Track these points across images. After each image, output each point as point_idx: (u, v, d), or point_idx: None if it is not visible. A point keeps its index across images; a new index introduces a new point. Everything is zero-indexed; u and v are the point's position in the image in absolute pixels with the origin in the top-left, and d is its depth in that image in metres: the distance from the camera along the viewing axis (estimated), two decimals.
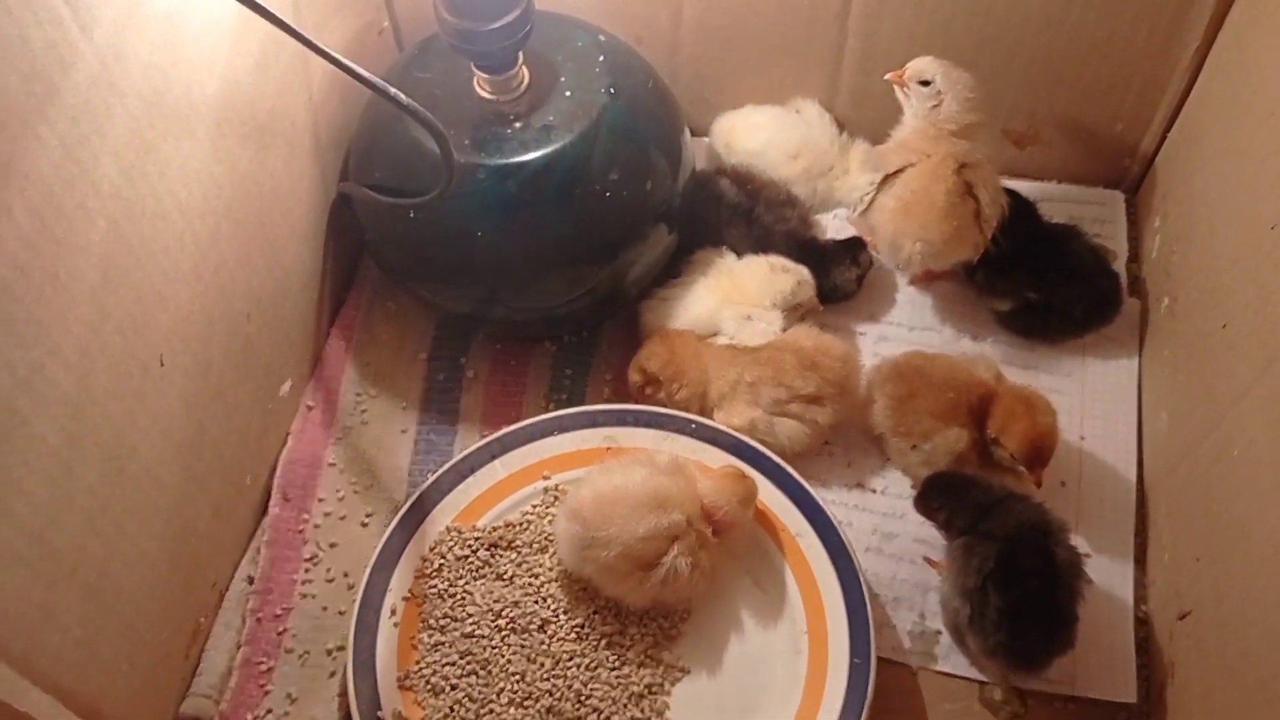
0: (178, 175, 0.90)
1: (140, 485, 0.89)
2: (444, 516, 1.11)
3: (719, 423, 1.15)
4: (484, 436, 1.15)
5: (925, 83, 1.19)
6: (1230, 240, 1.05)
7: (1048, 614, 1.00)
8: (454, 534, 1.10)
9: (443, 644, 1.04)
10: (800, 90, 1.38)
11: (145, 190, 0.85)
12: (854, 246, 1.29)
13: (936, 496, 1.09)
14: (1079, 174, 1.39)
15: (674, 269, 1.26)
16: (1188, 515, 1.05)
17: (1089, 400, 1.24)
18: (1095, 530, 1.15)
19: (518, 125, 1.11)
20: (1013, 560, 1.00)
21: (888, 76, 1.23)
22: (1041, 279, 1.24)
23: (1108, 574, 1.12)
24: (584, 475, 1.07)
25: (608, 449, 1.14)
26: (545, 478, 1.14)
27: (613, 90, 1.13)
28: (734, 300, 1.21)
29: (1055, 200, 1.37)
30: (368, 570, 1.06)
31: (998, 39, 1.25)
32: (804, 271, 1.22)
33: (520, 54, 1.10)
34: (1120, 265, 1.31)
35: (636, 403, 1.18)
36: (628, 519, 1.00)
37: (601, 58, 1.15)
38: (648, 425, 1.16)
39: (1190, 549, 1.03)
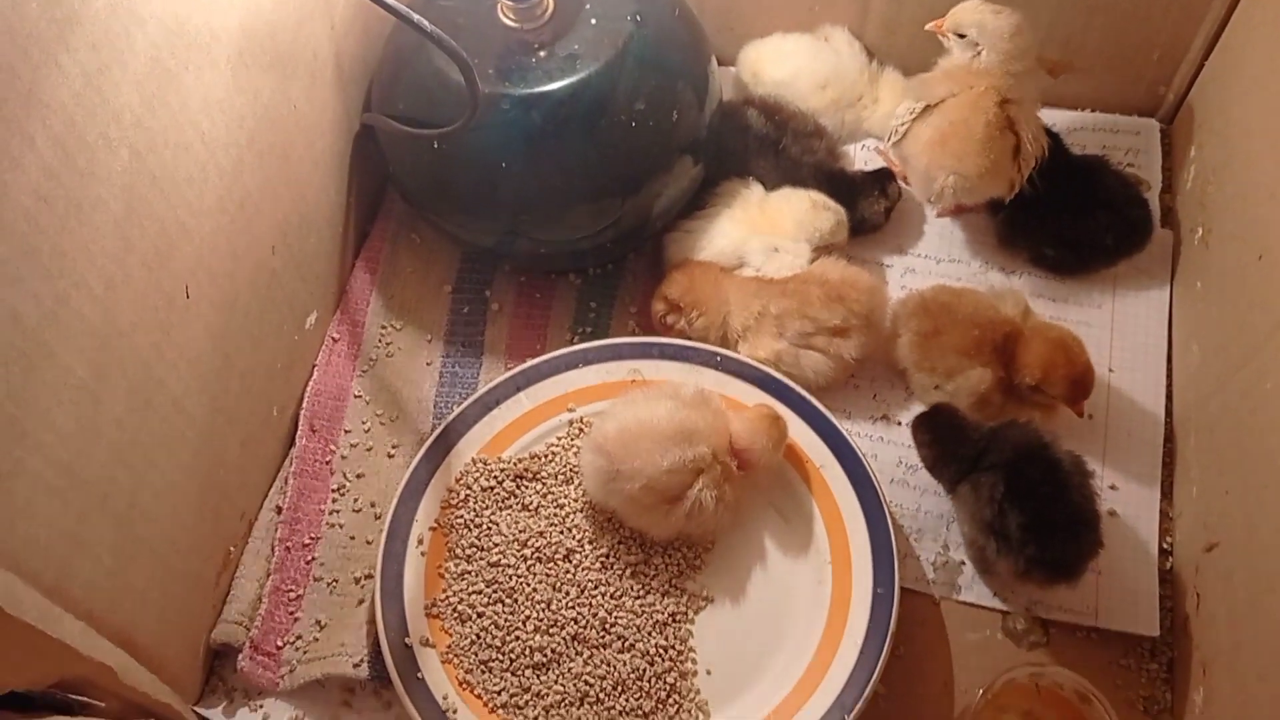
0: (200, 106, 0.90)
1: (168, 417, 0.89)
2: (469, 448, 1.11)
3: (744, 355, 1.15)
4: (508, 369, 1.16)
5: (962, 35, 1.17)
6: (1268, 170, 1.03)
7: (1069, 515, 1.00)
8: (480, 465, 1.10)
9: (469, 573, 1.05)
10: (829, 17, 1.35)
11: (167, 120, 0.85)
12: (882, 178, 1.27)
13: (925, 432, 1.09)
14: (1113, 102, 1.37)
15: (700, 201, 1.25)
16: (1218, 448, 1.05)
17: (1119, 333, 1.23)
18: (1122, 463, 1.14)
19: (542, 54, 1.09)
20: (1020, 477, 1.01)
21: (929, 27, 1.20)
22: (1063, 229, 1.22)
23: (1134, 506, 1.12)
24: (609, 408, 1.07)
25: (632, 382, 1.14)
26: (570, 410, 1.14)
27: (639, 18, 1.11)
28: (762, 231, 1.20)
29: (1088, 129, 1.35)
30: (395, 500, 1.07)
31: None
32: (843, 213, 1.21)
33: None
34: (1153, 196, 1.29)
35: (660, 335, 1.18)
36: (652, 452, 1.00)
37: None
38: (673, 358, 1.15)
39: (1220, 482, 1.02)
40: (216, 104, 0.92)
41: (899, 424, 1.18)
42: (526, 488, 1.10)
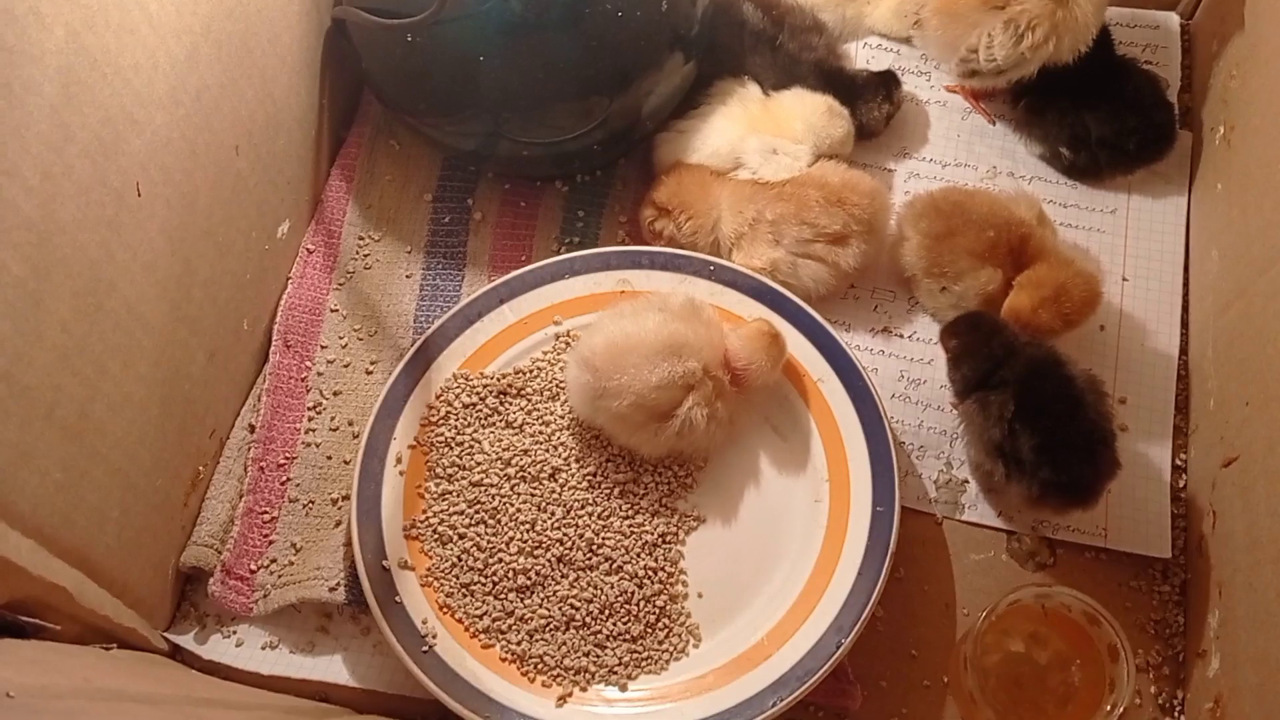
0: None
1: (121, 323, 0.84)
2: (451, 363, 1.07)
3: (738, 264, 1.09)
4: (492, 280, 1.11)
5: None
6: None
7: (1085, 435, 0.96)
8: (461, 381, 1.06)
9: (450, 493, 1.00)
10: None
11: None
12: (888, 81, 1.20)
13: (961, 332, 1.03)
14: None
15: (693, 101, 1.19)
16: (1238, 358, 0.99)
17: (1133, 239, 1.17)
18: (1135, 376, 1.10)
19: None
20: (1032, 394, 0.97)
21: None
22: (1085, 129, 1.17)
23: (1146, 422, 1.08)
24: (596, 321, 1.03)
25: (621, 292, 1.09)
26: (556, 323, 1.09)
27: None
28: (763, 130, 1.14)
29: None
30: (371, 417, 1.02)
31: None
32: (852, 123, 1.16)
33: None
34: (1172, 95, 1.22)
35: (650, 244, 1.13)
36: (640, 368, 0.95)
37: None
38: (663, 268, 1.10)
39: (1239, 393, 0.97)
40: None
41: (900, 336, 1.13)
42: (510, 404, 1.05)
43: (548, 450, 1.02)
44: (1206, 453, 1.02)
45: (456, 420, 1.04)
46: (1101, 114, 1.16)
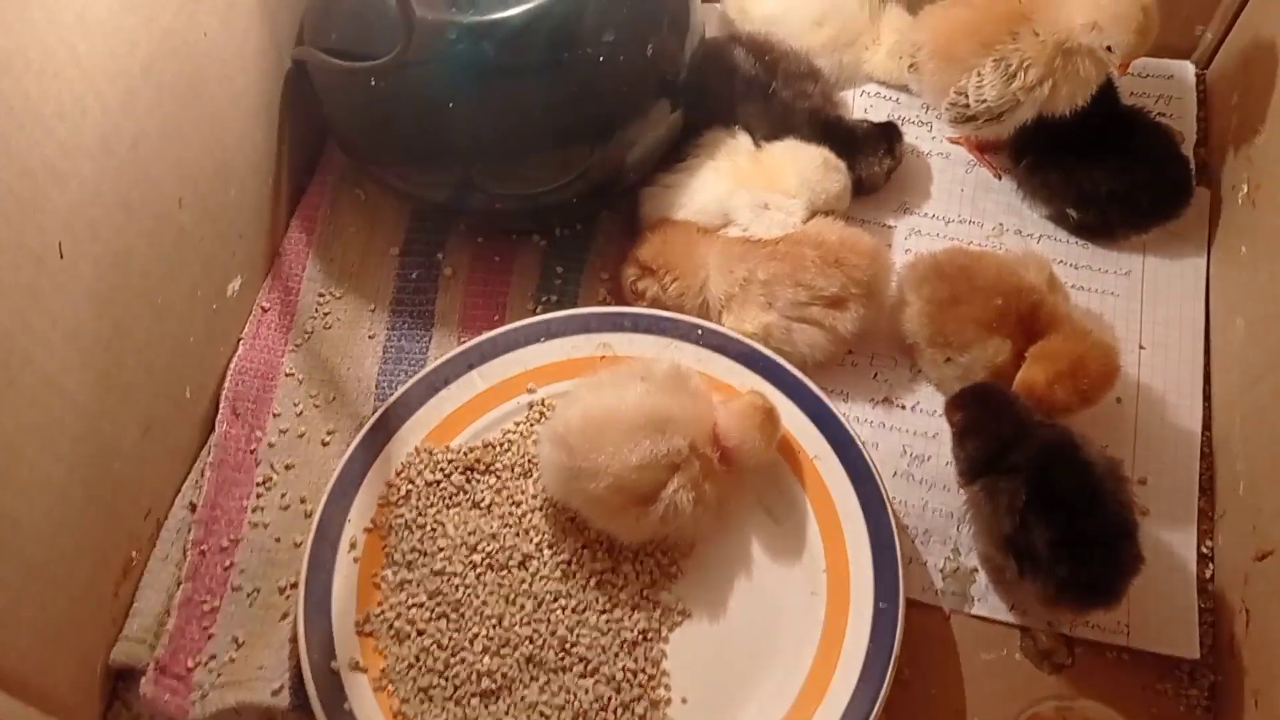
0: (74, 23, 0.75)
1: (38, 399, 0.75)
2: (414, 435, 0.99)
3: (728, 328, 1.02)
4: (461, 342, 1.04)
5: None
6: None
7: (1105, 528, 0.88)
8: (425, 455, 0.98)
9: (409, 582, 0.92)
10: None
11: (28, 39, 0.71)
12: (890, 134, 1.14)
13: (968, 405, 0.96)
14: None
15: (680, 153, 1.13)
16: (1270, 438, 0.92)
17: (1150, 304, 1.10)
18: (1154, 454, 1.02)
19: None
20: (1046, 482, 0.89)
21: None
22: (1093, 186, 1.10)
23: (1167, 505, 1.00)
24: (572, 389, 0.95)
25: (602, 358, 1.02)
26: (530, 391, 1.01)
27: None
28: (753, 184, 1.08)
29: None
30: (324, 497, 0.94)
31: None
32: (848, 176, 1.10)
33: None
34: (1187, 149, 1.16)
35: (633, 305, 1.06)
36: (620, 446, 0.87)
37: None
38: (647, 331, 1.03)
39: (1273, 477, 0.90)
40: (98, 23, 0.78)
41: (902, 407, 1.05)
42: (478, 482, 0.97)
43: (518, 534, 0.94)
44: (1236, 543, 0.94)
45: (418, 500, 0.95)
46: (1110, 168, 1.10)
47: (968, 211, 1.16)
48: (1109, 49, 1.03)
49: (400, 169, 1.06)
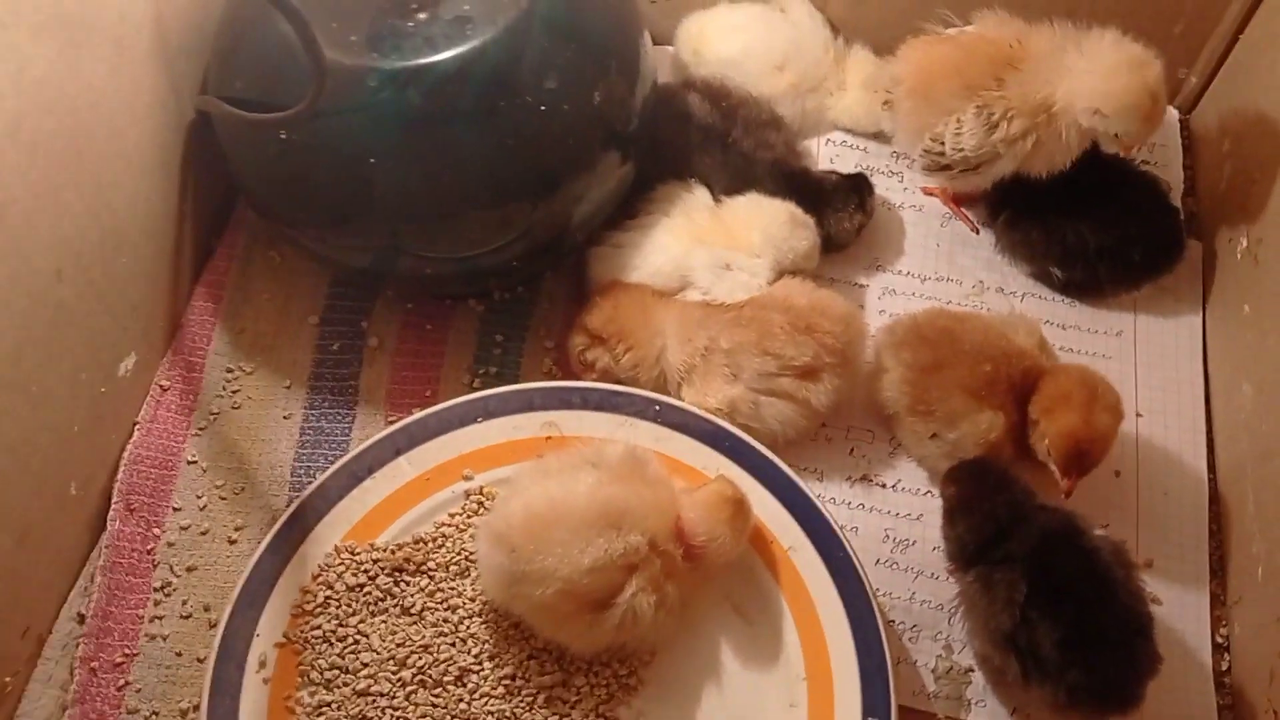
0: None
1: None
2: (334, 531, 0.91)
3: (688, 403, 0.95)
4: (389, 423, 0.97)
5: None
6: None
7: (1118, 623, 0.81)
8: (346, 555, 0.90)
9: (328, 704, 0.83)
10: None
11: None
12: (859, 186, 1.08)
13: (963, 480, 0.89)
14: None
15: (631, 209, 1.05)
16: None
17: (1145, 367, 1.04)
18: (1159, 534, 0.96)
19: (422, 16, 0.90)
20: (1049, 573, 0.82)
21: None
22: (1079, 242, 1.04)
23: (1177, 589, 0.94)
24: (514, 477, 0.89)
25: (547, 439, 0.94)
26: (466, 478, 0.93)
27: None
28: (712, 243, 1.00)
29: None
30: (228, 609, 0.85)
31: None
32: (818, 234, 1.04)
33: None
34: (1176, 198, 1.10)
35: (582, 378, 0.98)
36: (569, 545, 0.79)
37: None
38: (598, 408, 0.96)
39: None
40: None
41: (883, 486, 0.98)
42: (408, 584, 0.89)
43: (454, 645, 0.86)
44: (1257, 634, 0.87)
45: (338, 608, 0.87)
46: (1097, 221, 1.04)
47: (945, 268, 1.09)
48: (1116, 136, 0.98)
49: (317, 230, 0.97)
